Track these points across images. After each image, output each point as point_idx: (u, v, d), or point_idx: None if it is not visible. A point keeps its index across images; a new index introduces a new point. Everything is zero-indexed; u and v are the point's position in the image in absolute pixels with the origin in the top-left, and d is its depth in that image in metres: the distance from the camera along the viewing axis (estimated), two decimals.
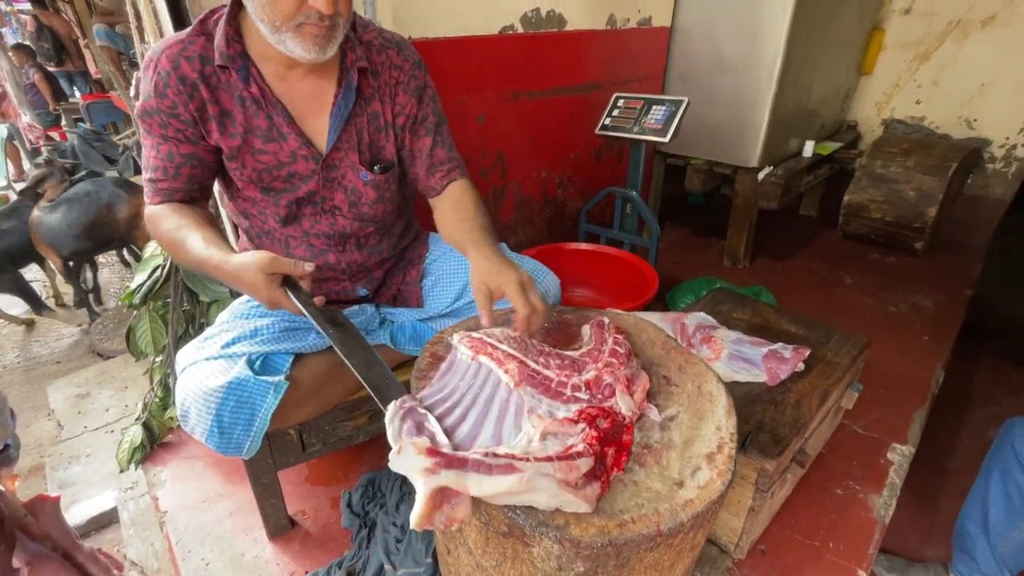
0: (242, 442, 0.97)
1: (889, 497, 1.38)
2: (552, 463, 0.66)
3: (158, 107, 0.93)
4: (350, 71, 0.99)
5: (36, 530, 0.67)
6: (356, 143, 1.05)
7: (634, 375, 0.87)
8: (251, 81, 0.94)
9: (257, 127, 0.97)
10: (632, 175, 2.09)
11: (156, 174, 0.98)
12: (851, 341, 1.41)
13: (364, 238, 1.16)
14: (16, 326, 3.06)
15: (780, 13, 2.13)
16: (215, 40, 0.92)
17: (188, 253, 0.93)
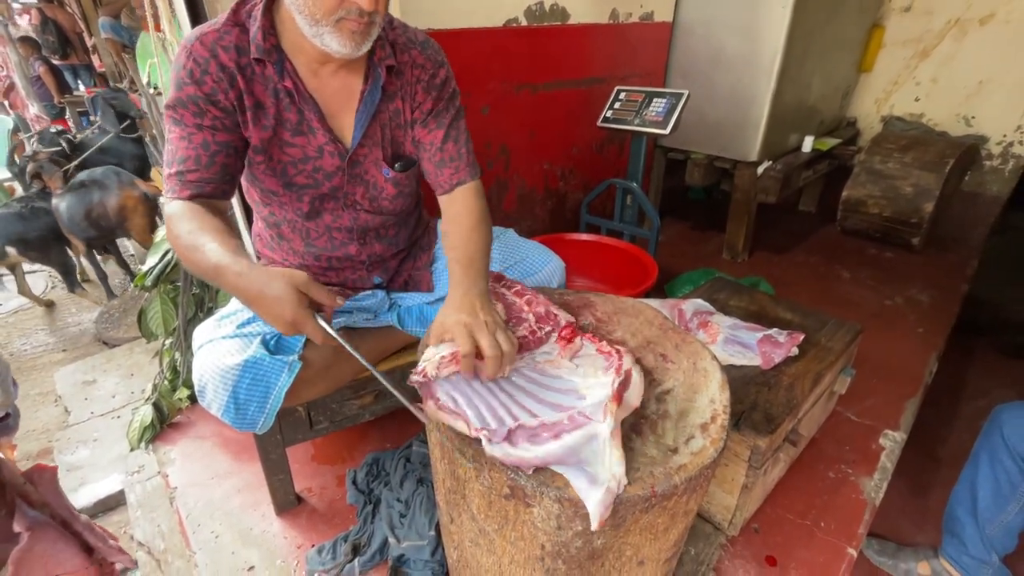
0: (256, 418, 1.01)
1: (880, 480, 1.42)
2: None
3: (195, 94, 0.91)
4: (378, 68, 1.00)
5: (35, 498, 0.69)
6: (379, 139, 1.06)
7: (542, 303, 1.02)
8: (285, 75, 0.95)
9: (288, 120, 0.98)
10: (633, 167, 2.12)
11: (186, 165, 0.93)
12: (845, 328, 1.45)
13: (384, 230, 1.18)
14: (28, 312, 3.11)
15: (780, 10, 2.16)
16: (250, 32, 0.93)
17: (206, 257, 0.85)
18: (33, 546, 0.67)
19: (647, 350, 0.99)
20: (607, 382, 0.82)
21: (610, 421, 0.73)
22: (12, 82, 4.81)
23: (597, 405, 0.76)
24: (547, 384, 0.88)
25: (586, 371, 0.89)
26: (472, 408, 0.80)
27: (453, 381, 0.85)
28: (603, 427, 0.73)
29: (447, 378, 0.85)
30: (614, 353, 0.90)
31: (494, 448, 0.73)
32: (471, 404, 0.81)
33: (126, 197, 2.49)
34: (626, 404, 0.82)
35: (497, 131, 1.94)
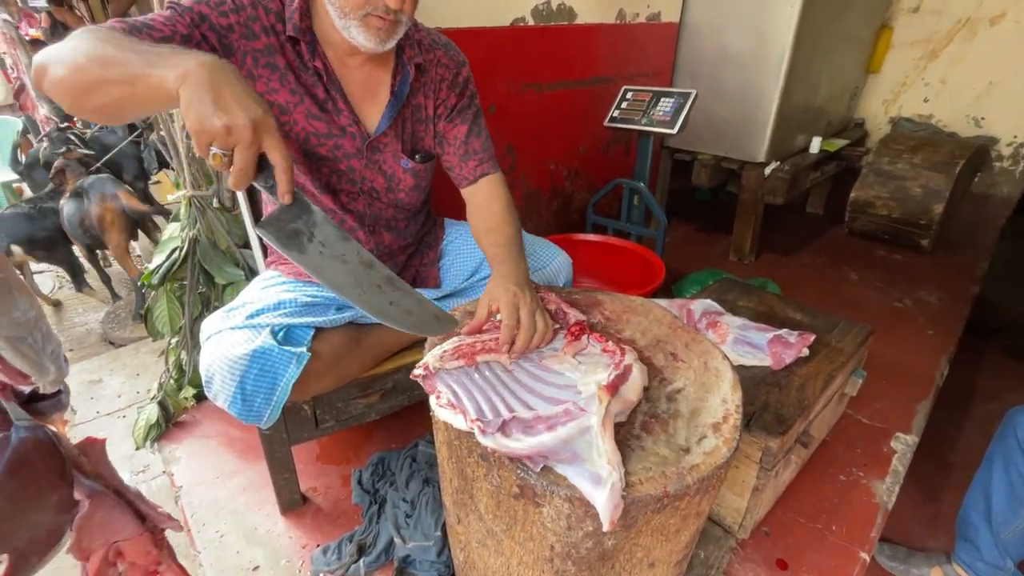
0: (263, 410, 1.00)
1: (892, 484, 1.40)
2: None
3: (209, 16, 0.88)
4: (407, 65, 1.04)
5: (89, 469, 0.71)
6: (400, 132, 1.10)
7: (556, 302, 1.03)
8: (316, 56, 0.97)
9: (315, 95, 1.01)
10: (640, 167, 2.11)
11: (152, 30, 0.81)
12: (855, 329, 1.43)
13: (394, 222, 1.20)
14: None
15: (788, 10, 2.15)
16: (286, 12, 0.95)
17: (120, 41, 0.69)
18: (94, 513, 0.69)
19: (657, 349, 0.98)
20: (605, 377, 0.82)
21: (600, 412, 0.73)
22: (22, 84, 4.85)
23: (592, 397, 0.76)
24: (547, 379, 0.87)
25: (587, 368, 0.88)
26: (472, 401, 0.79)
27: (455, 375, 0.84)
28: (594, 418, 0.72)
29: (449, 372, 0.85)
30: (618, 351, 0.89)
31: (487, 439, 0.72)
32: (471, 397, 0.80)
33: (105, 209, 2.50)
34: (621, 397, 0.81)
35: (503, 130, 1.94)
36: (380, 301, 0.77)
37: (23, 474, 0.61)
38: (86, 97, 0.69)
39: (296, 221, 0.73)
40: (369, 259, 0.78)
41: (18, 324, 0.57)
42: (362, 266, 0.77)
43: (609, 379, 0.80)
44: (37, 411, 0.69)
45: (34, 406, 0.69)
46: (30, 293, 0.60)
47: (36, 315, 0.59)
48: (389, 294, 0.78)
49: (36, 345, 0.59)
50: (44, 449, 0.65)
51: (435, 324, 0.83)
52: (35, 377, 0.61)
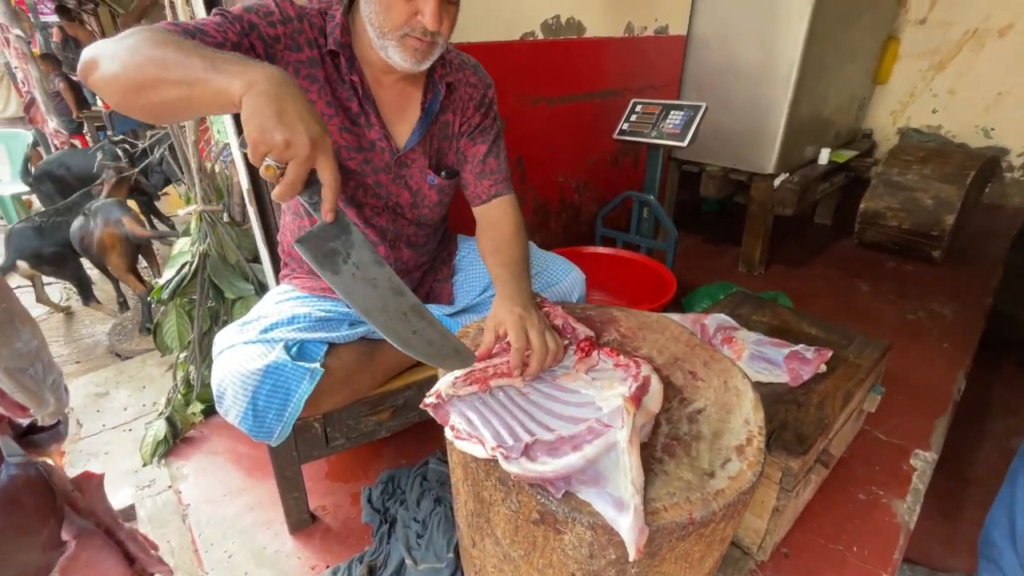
0: (273, 427, 0.99)
1: (913, 503, 1.36)
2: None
3: (259, 25, 0.89)
4: (439, 84, 1.06)
5: (82, 505, 0.69)
6: (428, 148, 1.11)
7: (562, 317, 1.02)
8: (353, 71, 0.99)
9: (348, 108, 1.02)
10: (649, 179, 2.11)
11: (206, 35, 0.83)
12: (872, 344, 1.41)
13: (415, 238, 1.21)
14: (42, 324, 3.13)
15: (796, 22, 2.15)
16: (328, 25, 0.97)
17: (181, 43, 0.70)
18: (79, 555, 0.66)
19: (675, 367, 0.96)
20: (625, 390, 0.80)
21: (629, 423, 0.71)
22: (33, 98, 4.91)
23: (616, 412, 0.74)
24: (564, 399, 0.86)
25: (603, 384, 0.87)
26: (488, 427, 0.78)
27: (467, 401, 0.83)
28: (621, 433, 0.70)
29: (462, 399, 0.83)
30: (632, 364, 0.88)
31: (511, 465, 0.70)
32: (487, 423, 0.78)
33: (108, 234, 2.54)
34: (645, 409, 0.80)
35: (513, 143, 1.93)
36: (404, 329, 0.76)
37: (12, 513, 0.59)
38: (139, 95, 0.69)
39: (335, 240, 0.73)
40: (399, 286, 0.77)
41: (20, 355, 0.55)
42: (391, 292, 0.76)
43: (631, 391, 0.79)
44: (33, 443, 0.67)
45: (31, 438, 0.67)
46: (33, 322, 0.58)
47: (38, 345, 0.58)
48: (414, 323, 0.78)
49: (37, 377, 0.57)
50: (35, 487, 0.62)
51: (455, 358, 0.82)
52: (34, 410, 0.59)
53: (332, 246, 0.72)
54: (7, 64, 5.12)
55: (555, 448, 0.72)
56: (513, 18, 1.82)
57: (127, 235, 2.56)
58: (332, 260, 0.72)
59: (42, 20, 6.99)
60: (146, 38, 0.70)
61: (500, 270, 1.02)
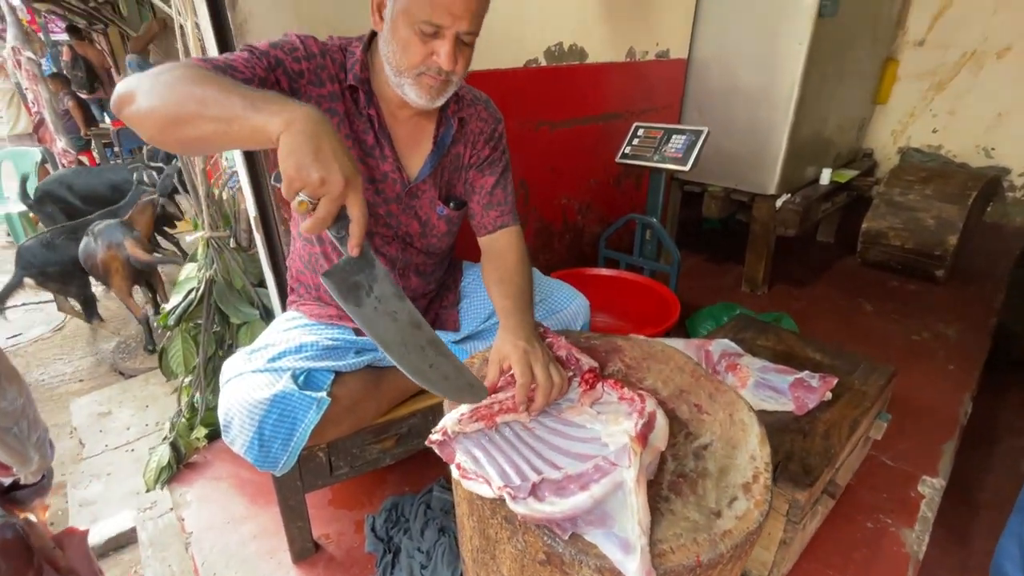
0: (279, 457, 1.00)
1: (921, 532, 1.35)
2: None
3: (284, 62, 0.93)
4: (451, 119, 1.09)
5: (62, 563, 0.68)
6: (438, 180, 1.14)
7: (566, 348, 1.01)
8: (371, 104, 1.02)
9: (364, 141, 1.05)
10: (652, 202, 2.12)
11: (236, 71, 0.85)
12: (878, 370, 1.40)
13: (424, 267, 1.23)
14: (47, 341, 3.16)
15: (796, 46, 2.18)
16: (348, 62, 1.01)
17: (220, 81, 0.72)
18: None
19: (680, 400, 0.96)
20: (630, 426, 0.80)
21: (636, 463, 0.71)
22: (42, 118, 4.99)
23: (622, 450, 0.74)
24: (570, 434, 0.86)
25: (608, 418, 0.86)
26: (494, 465, 0.77)
27: (473, 439, 0.83)
28: (628, 472, 0.70)
29: (467, 435, 0.83)
30: (636, 398, 0.88)
31: (518, 505, 0.70)
32: (492, 461, 0.78)
33: (110, 257, 2.57)
34: (651, 447, 0.79)
35: (517, 167, 1.94)
36: (421, 363, 0.78)
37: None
38: (176, 129, 0.71)
39: (359, 274, 0.75)
40: (418, 320, 0.79)
41: (4, 414, 0.55)
42: (411, 326, 0.78)
43: (638, 429, 0.79)
44: (16, 500, 0.66)
45: (13, 495, 0.66)
46: (20, 380, 0.59)
47: (23, 403, 0.58)
48: (431, 357, 0.79)
49: (21, 435, 0.57)
50: (11, 549, 0.61)
51: (468, 392, 0.83)
52: (17, 468, 0.59)
53: (356, 280, 0.74)
54: (17, 84, 5.20)
55: (562, 487, 0.72)
56: (517, 46, 1.85)
57: (128, 259, 2.58)
58: (356, 293, 0.74)
59: (52, 38, 7.13)
60: (183, 75, 0.72)
61: (504, 301, 1.03)
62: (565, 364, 0.98)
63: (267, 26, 1.26)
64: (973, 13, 2.78)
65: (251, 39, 1.25)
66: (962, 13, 2.81)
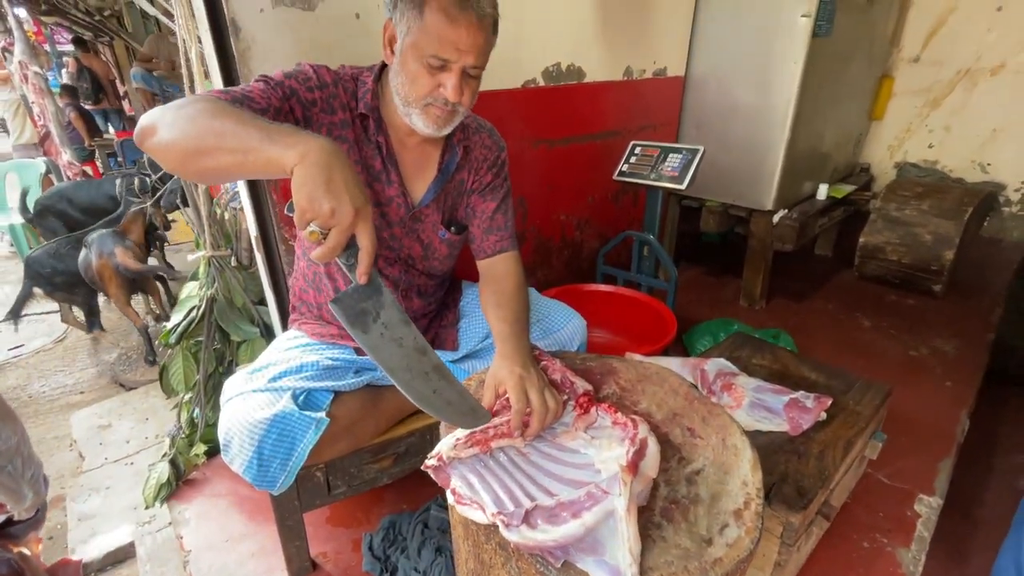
0: (277, 476, 1.01)
1: (918, 551, 1.35)
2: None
3: (298, 91, 0.96)
4: (456, 147, 1.13)
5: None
6: (441, 204, 1.17)
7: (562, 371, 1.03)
8: (380, 131, 1.06)
9: (372, 167, 1.09)
10: (649, 219, 2.14)
11: (251, 103, 0.88)
12: (873, 389, 1.41)
13: (425, 288, 1.26)
14: (48, 353, 3.16)
15: (791, 65, 2.21)
16: (360, 90, 1.04)
17: (237, 114, 0.74)
18: None
19: (674, 423, 0.97)
20: (622, 454, 0.81)
21: (625, 493, 0.72)
22: (48, 131, 5.04)
23: (613, 478, 0.75)
24: (564, 459, 0.87)
25: (602, 443, 0.88)
26: (488, 491, 0.78)
27: (469, 464, 0.84)
28: (619, 501, 0.71)
29: (462, 461, 0.84)
30: (629, 424, 0.89)
31: (511, 533, 0.71)
32: (487, 487, 0.79)
33: (102, 266, 2.59)
34: (642, 475, 0.80)
35: (516, 184, 1.95)
36: (425, 388, 0.79)
37: None
38: (195, 160, 0.74)
39: (367, 301, 0.76)
40: (423, 346, 0.80)
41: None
42: (416, 351, 0.79)
43: (629, 457, 0.80)
44: (10, 535, 0.67)
45: (7, 531, 0.67)
46: (14, 419, 0.60)
47: (18, 441, 0.59)
48: (435, 382, 0.81)
49: (16, 472, 0.58)
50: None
51: (471, 417, 0.85)
52: (11, 506, 0.60)
53: (363, 306, 0.76)
54: (23, 97, 5.26)
55: (554, 515, 0.73)
56: (515, 67, 1.88)
57: (118, 267, 2.59)
58: (363, 320, 0.75)
59: (59, 49, 7.22)
60: (203, 108, 0.75)
61: (502, 325, 1.04)
62: (560, 387, 0.99)
63: (269, 53, 1.28)
64: (967, 31, 2.81)
65: (254, 65, 1.27)
66: (956, 31, 2.84)
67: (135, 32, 5.81)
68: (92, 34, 6.08)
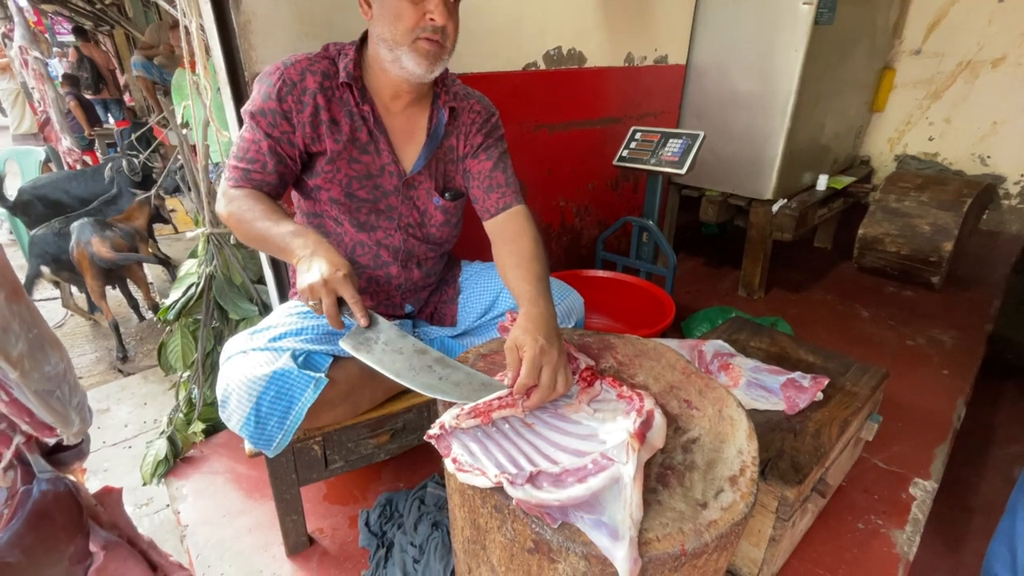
0: (274, 435, 1.01)
1: (912, 533, 1.36)
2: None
3: (276, 108, 1.04)
4: (442, 109, 1.13)
5: (105, 519, 0.72)
6: (434, 171, 1.17)
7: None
8: (365, 100, 1.07)
9: (359, 139, 1.10)
10: (649, 205, 2.14)
11: (253, 166, 1.07)
12: (869, 372, 1.42)
13: (424, 259, 1.26)
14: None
15: (792, 54, 2.20)
16: (341, 63, 1.06)
17: (261, 221, 1.00)
18: (107, 565, 0.70)
19: (670, 395, 0.97)
20: (628, 424, 0.81)
21: (633, 460, 0.72)
22: (48, 117, 5.03)
23: (620, 446, 0.75)
24: (567, 430, 0.87)
25: (606, 416, 0.88)
26: (491, 458, 0.79)
27: (470, 433, 0.84)
28: (626, 468, 0.71)
29: (464, 430, 0.84)
30: (635, 397, 0.89)
31: (516, 490, 0.71)
32: (489, 455, 0.79)
33: (79, 254, 2.57)
34: (649, 444, 0.80)
35: (515, 169, 1.97)
36: (431, 379, 0.88)
37: (43, 527, 0.62)
38: (250, 244, 1.11)
39: (369, 332, 0.94)
40: (422, 347, 0.92)
41: (48, 378, 0.58)
42: (416, 352, 0.92)
43: (636, 427, 0.80)
44: (58, 462, 0.70)
45: (55, 456, 0.70)
46: (61, 346, 0.62)
47: (65, 368, 0.61)
48: (439, 372, 0.89)
49: (64, 398, 0.60)
50: (64, 502, 0.65)
51: (484, 391, 0.86)
52: (60, 429, 0.62)
53: (366, 336, 0.93)
54: (23, 83, 5.25)
55: (559, 480, 0.73)
56: (516, 49, 1.87)
57: (93, 256, 2.57)
58: (367, 346, 0.92)
59: (59, 39, 7.20)
60: (239, 219, 1.04)
61: (525, 285, 1.00)
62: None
63: (269, 27, 1.28)
64: (968, 23, 2.81)
65: (254, 40, 1.27)
66: (957, 23, 2.84)
67: (136, 20, 5.79)
68: (92, 23, 6.05)
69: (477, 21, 1.69)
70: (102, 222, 2.71)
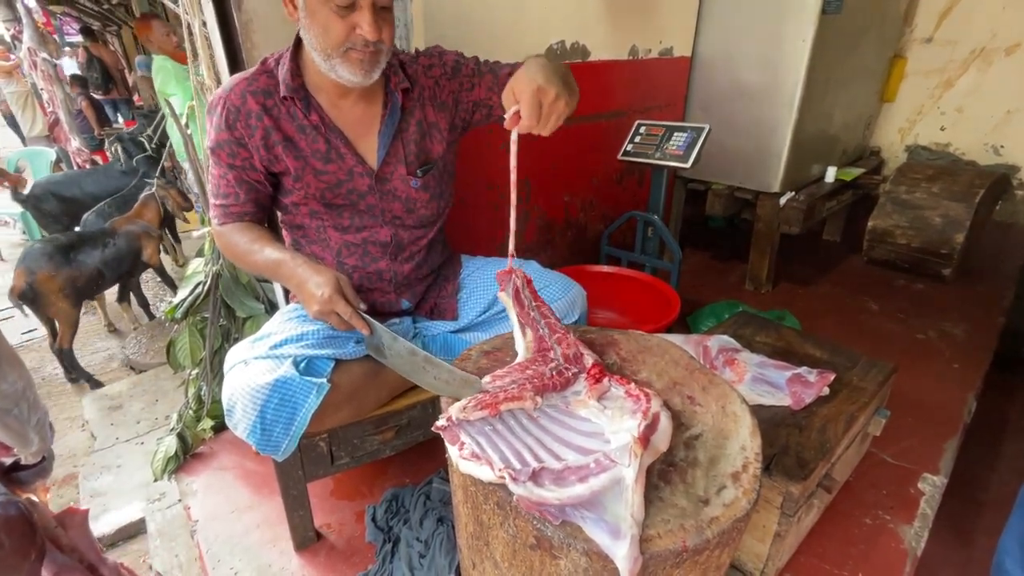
0: (280, 441, 1.02)
1: (921, 528, 1.35)
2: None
3: (228, 139, 1.05)
4: (394, 93, 1.10)
5: (65, 542, 0.70)
6: (403, 156, 1.14)
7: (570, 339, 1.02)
8: (311, 110, 1.05)
9: (316, 151, 1.08)
10: (654, 199, 2.12)
11: (228, 200, 1.11)
12: (877, 367, 1.40)
13: (416, 250, 1.24)
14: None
15: (800, 43, 2.17)
16: (279, 75, 1.03)
17: (260, 255, 1.06)
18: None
19: (673, 392, 0.97)
20: (634, 426, 0.81)
21: (635, 465, 0.72)
22: (57, 117, 5.08)
23: (623, 448, 0.75)
24: (573, 425, 0.87)
25: (613, 414, 0.87)
26: (496, 451, 0.79)
27: (477, 426, 0.84)
28: (628, 471, 0.71)
29: (471, 423, 0.84)
30: (642, 396, 0.88)
31: (518, 487, 0.71)
32: (495, 448, 0.80)
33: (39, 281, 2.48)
34: (653, 448, 0.80)
35: (519, 164, 1.97)
36: (425, 376, 0.96)
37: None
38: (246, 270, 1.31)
39: (375, 339, 1.03)
40: (411, 348, 0.99)
41: (5, 396, 0.57)
42: (409, 354, 1.00)
43: (640, 430, 0.79)
44: (18, 481, 0.69)
45: (15, 476, 0.69)
46: (20, 364, 0.61)
47: (24, 385, 0.60)
48: (431, 370, 0.96)
49: (21, 416, 0.59)
50: (15, 526, 0.63)
51: (465, 387, 0.90)
52: (18, 449, 0.61)
53: (376, 343, 1.03)
54: (33, 86, 5.30)
55: (561, 478, 0.73)
56: (518, 44, 1.86)
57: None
58: (379, 350, 1.03)
59: (67, 40, 7.27)
60: (233, 253, 1.14)
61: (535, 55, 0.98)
62: (572, 361, 0.97)
63: (270, 25, 1.29)
64: (981, 9, 2.75)
65: (256, 39, 1.28)
66: (970, 9, 2.78)
67: None
68: (100, 23, 6.10)
69: (479, 16, 1.68)
70: (67, 246, 2.56)
